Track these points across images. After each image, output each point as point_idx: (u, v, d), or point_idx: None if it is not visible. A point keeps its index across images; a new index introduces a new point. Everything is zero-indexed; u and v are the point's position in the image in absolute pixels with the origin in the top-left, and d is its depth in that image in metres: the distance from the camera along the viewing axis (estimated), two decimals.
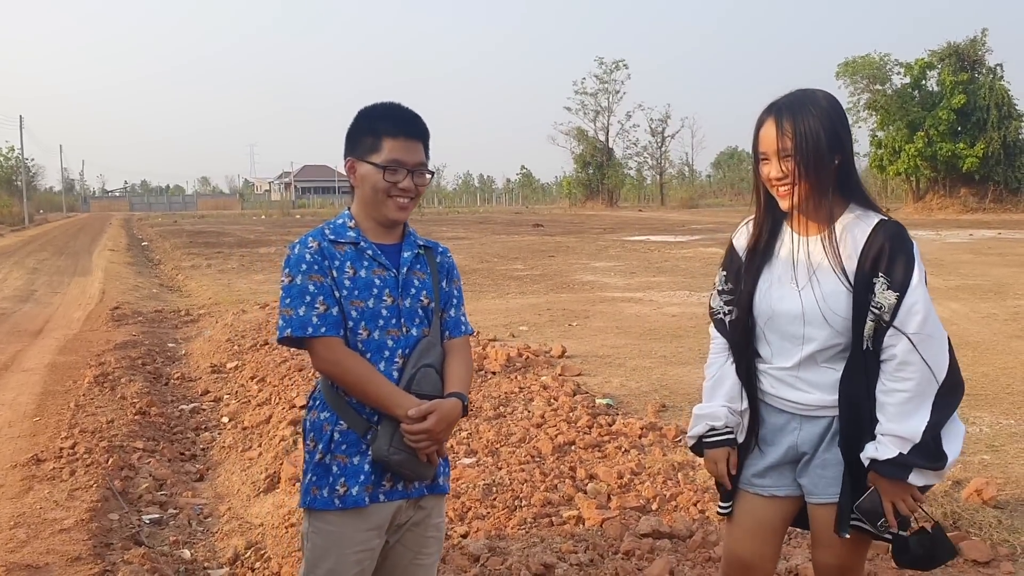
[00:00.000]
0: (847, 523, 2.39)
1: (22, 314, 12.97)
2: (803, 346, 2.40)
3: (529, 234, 32.48)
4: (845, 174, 2.39)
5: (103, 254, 25.44)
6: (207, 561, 4.25)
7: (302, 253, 2.38)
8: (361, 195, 2.46)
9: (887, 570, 3.75)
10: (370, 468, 2.36)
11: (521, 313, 11.95)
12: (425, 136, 2.48)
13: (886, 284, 2.27)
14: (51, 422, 6.52)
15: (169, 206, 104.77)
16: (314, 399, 2.48)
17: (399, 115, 2.46)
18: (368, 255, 2.43)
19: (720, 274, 2.63)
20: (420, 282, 2.49)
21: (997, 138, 45.47)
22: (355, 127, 2.47)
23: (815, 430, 2.44)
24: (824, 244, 2.37)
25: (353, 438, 2.37)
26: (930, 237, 25.74)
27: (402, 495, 2.41)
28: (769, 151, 2.37)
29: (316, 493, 2.37)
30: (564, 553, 3.95)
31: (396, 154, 2.40)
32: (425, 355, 2.43)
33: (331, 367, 2.35)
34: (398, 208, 2.43)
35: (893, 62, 49.03)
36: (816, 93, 2.40)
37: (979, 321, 10.35)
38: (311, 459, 2.41)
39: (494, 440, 5.73)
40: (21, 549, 4.14)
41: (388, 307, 2.40)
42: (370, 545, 2.39)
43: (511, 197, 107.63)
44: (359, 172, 2.43)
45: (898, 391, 2.28)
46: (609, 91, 73.23)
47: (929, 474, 2.32)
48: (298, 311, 2.33)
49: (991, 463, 5.16)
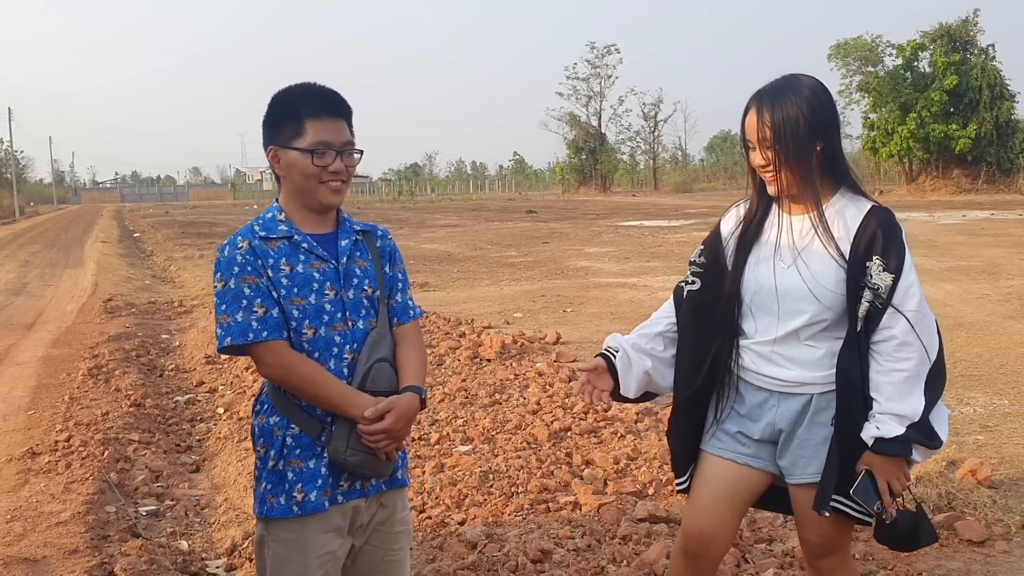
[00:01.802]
0: (827, 502, 2.40)
1: (14, 307, 12.93)
2: (790, 320, 2.43)
3: (522, 221, 32.44)
4: (831, 158, 2.43)
5: (95, 246, 25.35)
6: (205, 552, 4.25)
7: (232, 255, 2.24)
8: (289, 184, 2.32)
9: (882, 549, 3.77)
10: (327, 471, 2.26)
11: (515, 300, 11.95)
12: (348, 114, 2.35)
13: (882, 266, 2.30)
14: (46, 415, 6.50)
15: (160, 197, 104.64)
16: (261, 403, 2.36)
17: (319, 94, 2.32)
18: (304, 248, 2.29)
19: (698, 248, 2.67)
20: (362, 271, 2.37)
21: (989, 119, 45.51)
22: (273, 113, 2.33)
23: (793, 407, 2.47)
24: (814, 223, 2.41)
25: (307, 442, 2.26)
26: (923, 219, 25.78)
27: (360, 494, 2.33)
28: (753, 139, 2.43)
29: (272, 502, 2.26)
30: (561, 539, 3.96)
31: (322, 135, 2.27)
32: (376, 349, 2.32)
33: (279, 372, 2.24)
34: (331, 192, 2.31)
35: (885, 44, 49.04)
36: (800, 79, 2.43)
37: (973, 302, 10.37)
38: (263, 466, 2.30)
39: (490, 427, 5.73)
40: (18, 542, 4.14)
41: (331, 301, 2.29)
42: (331, 547, 2.30)
43: (504, 184, 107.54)
44: (284, 160, 2.30)
45: (898, 371, 2.31)
46: (601, 76, 73.14)
47: (925, 452, 2.37)
48: (236, 317, 2.21)
49: (985, 443, 5.19)
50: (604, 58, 72.74)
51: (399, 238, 13.54)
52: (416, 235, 25.76)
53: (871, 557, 3.73)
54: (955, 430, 5.44)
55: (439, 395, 6.56)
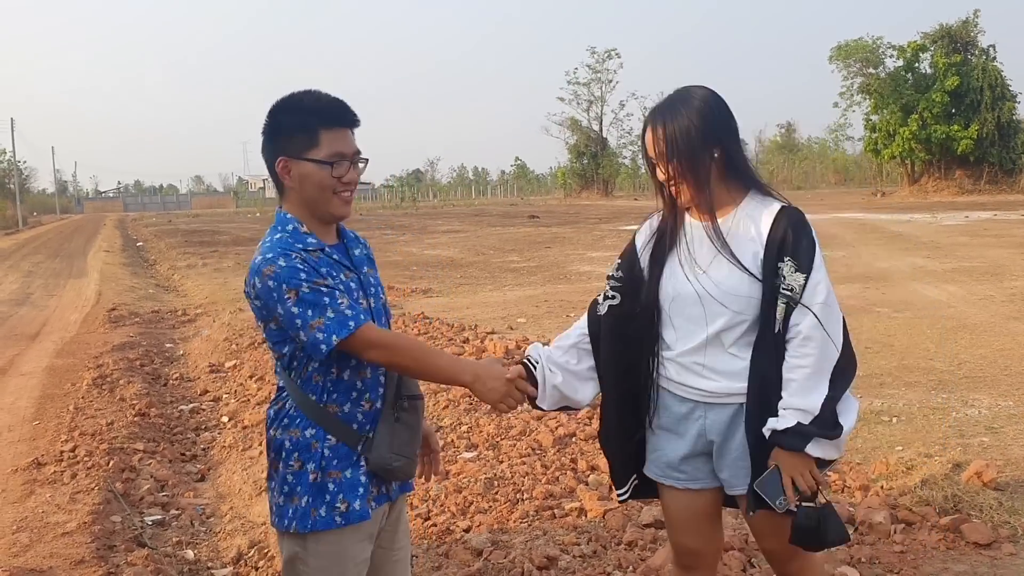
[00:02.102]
0: (754, 503, 2.41)
1: (18, 318, 12.95)
2: (707, 327, 2.43)
3: (525, 225, 32.45)
4: (731, 164, 2.47)
5: (98, 255, 25.39)
6: (210, 561, 4.25)
7: (291, 265, 2.16)
8: (301, 196, 2.27)
9: (887, 553, 3.77)
10: (366, 479, 2.26)
11: (519, 305, 11.94)
12: (356, 123, 2.33)
13: (794, 267, 2.35)
14: (51, 425, 6.51)
15: (163, 206, 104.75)
16: (289, 417, 2.28)
17: (330, 104, 2.28)
18: (335, 260, 2.28)
19: (615, 262, 2.68)
20: (374, 279, 2.41)
21: (991, 119, 45.54)
22: (280, 123, 2.27)
23: (721, 417, 2.46)
24: (709, 232, 2.45)
25: (344, 451, 2.24)
26: (926, 220, 25.75)
27: (387, 498, 2.35)
28: (652, 155, 2.49)
29: (315, 515, 2.22)
30: (567, 545, 3.95)
31: (337, 147, 2.24)
32: None
33: (384, 353, 2.21)
34: (343, 203, 2.29)
35: (886, 45, 49.13)
36: (691, 90, 2.48)
37: (976, 303, 10.36)
38: (300, 480, 2.23)
39: (494, 434, 5.73)
40: (24, 553, 4.14)
41: (365, 311, 2.28)
42: (366, 555, 2.32)
43: (506, 189, 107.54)
44: (297, 172, 2.24)
45: (801, 367, 2.34)
46: (602, 80, 73.21)
47: (826, 444, 2.37)
48: (327, 315, 2.13)
49: (990, 445, 5.18)
50: (605, 63, 72.88)
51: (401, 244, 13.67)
52: (419, 241, 25.78)
53: (876, 561, 3.73)
54: (960, 432, 5.44)
55: (443, 401, 6.56)
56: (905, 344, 8.02)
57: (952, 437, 5.33)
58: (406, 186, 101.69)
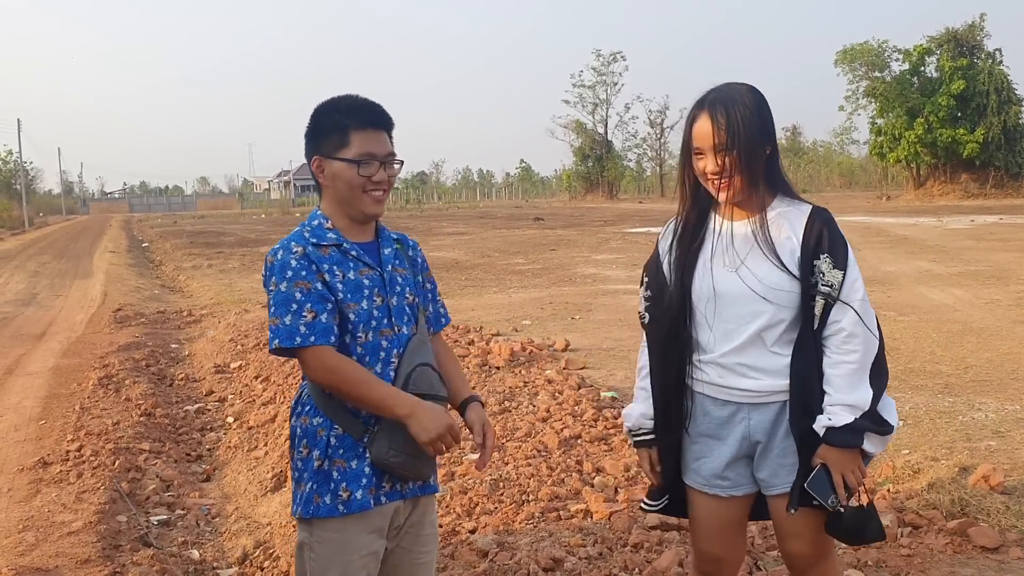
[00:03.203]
0: (796, 501, 2.40)
1: (24, 318, 12.97)
2: (749, 325, 2.42)
3: (530, 228, 32.45)
4: (773, 164, 2.47)
5: (104, 256, 25.44)
6: (216, 561, 4.26)
7: (286, 259, 2.29)
8: (334, 194, 2.39)
9: (894, 556, 3.76)
10: (371, 470, 2.31)
11: (524, 307, 11.94)
12: (390, 125, 2.43)
13: (831, 263, 2.36)
14: (57, 425, 6.53)
15: (168, 207, 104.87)
16: (302, 404, 2.40)
17: (363, 106, 2.39)
18: (352, 256, 2.37)
19: (643, 278, 2.67)
20: (403, 279, 2.46)
21: (997, 123, 45.45)
22: (317, 124, 2.40)
23: (767, 417, 2.45)
24: (755, 227, 2.44)
25: (350, 442, 2.31)
26: (932, 223, 25.71)
27: (399, 496, 2.38)
28: (705, 146, 2.42)
29: (318, 501, 2.30)
30: (573, 547, 3.95)
31: (367, 147, 2.34)
32: (418, 353, 2.39)
33: (323, 376, 2.28)
34: (374, 202, 2.39)
35: (891, 49, 49.08)
36: (742, 86, 2.46)
37: (982, 307, 10.33)
38: (307, 467, 2.33)
39: (500, 435, 5.73)
40: (31, 552, 4.15)
41: (379, 308, 2.36)
42: (373, 548, 2.35)
43: (511, 191, 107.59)
44: (329, 170, 2.37)
45: (845, 363, 2.35)
46: (607, 83, 73.26)
47: (876, 440, 2.38)
48: (284, 320, 2.25)
49: (997, 449, 5.16)
50: (610, 66, 72.95)
51: None
52: (424, 243, 25.51)
53: (883, 564, 3.72)
54: (967, 435, 5.42)
55: None
56: (911, 348, 8.01)
57: (959, 441, 5.32)
58: (411, 188, 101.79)
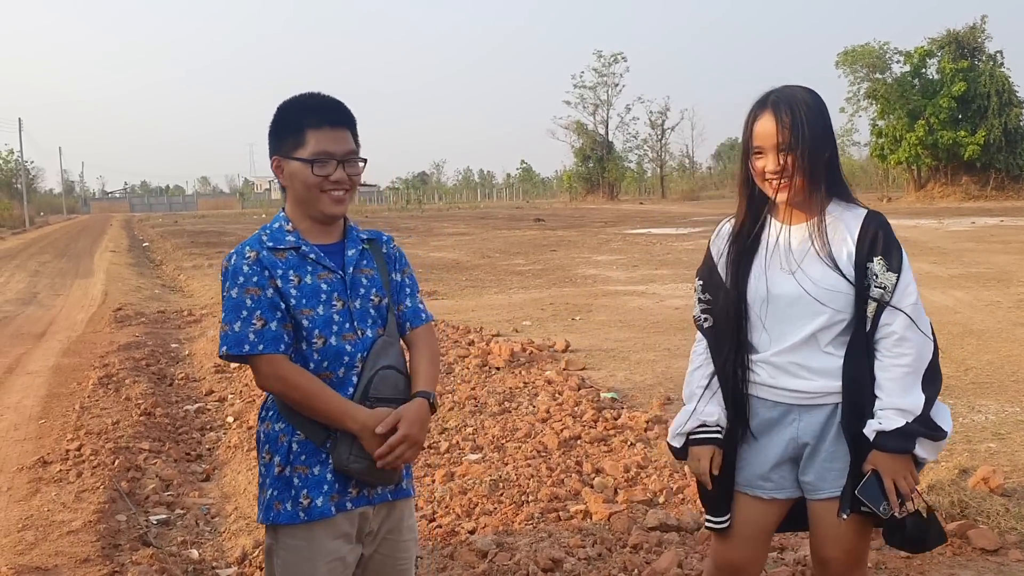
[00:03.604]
0: (847, 506, 2.38)
1: (25, 317, 12.97)
2: (805, 326, 2.41)
3: (530, 229, 32.45)
4: (833, 167, 2.45)
5: (104, 256, 25.45)
6: (215, 561, 4.25)
7: (238, 264, 2.25)
8: (293, 194, 2.34)
9: (894, 558, 3.76)
10: (332, 477, 2.26)
11: (524, 308, 11.94)
12: (351, 123, 2.36)
13: (885, 266, 2.35)
14: (57, 424, 6.53)
15: (169, 206, 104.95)
16: (266, 409, 2.36)
17: (321, 105, 2.34)
18: (311, 259, 2.31)
19: (697, 283, 2.64)
20: (368, 280, 2.38)
21: (998, 125, 45.40)
22: (276, 124, 2.35)
23: (817, 418, 2.43)
24: (812, 230, 2.42)
25: (312, 448, 2.27)
26: (932, 225, 25.69)
27: (366, 501, 2.32)
28: (766, 145, 2.39)
29: (279, 508, 2.26)
30: (572, 547, 3.95)
31: (323, 145, 2.28)
32: (381, 356, 2.32)
33: (274, 385, 2.25)
34: (334, 202, 2.32)
35: (893, 51, 49.01)
36: (800, 88, 2.46)
37: (983, 309, 10.33)
38: (269, 472, 2.30)
39: (500, 435, 5.73)
40: (30, 551, 4.15)
41: (339, 312, 2.30)
42: (340, 554, 2.30)
43: (511, 192, 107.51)
44: (287, 170, 2.32)
45: (897, 366, 2.34)
46: (608, 84, 73.14)
47: (929, 446, 2.36)
48: (233, 327, 2.22)
49: (997, 451, 5.16)
50: (611, 66, 72.83)
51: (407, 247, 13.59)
52: (424, 243, 25.80)
53: (883, 566, 3.72)
54: (967, 438, 5.42)
55: (448, 403, 6.56)
56: None
57: (959, 443, 5.31)
58: (412, 188, 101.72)
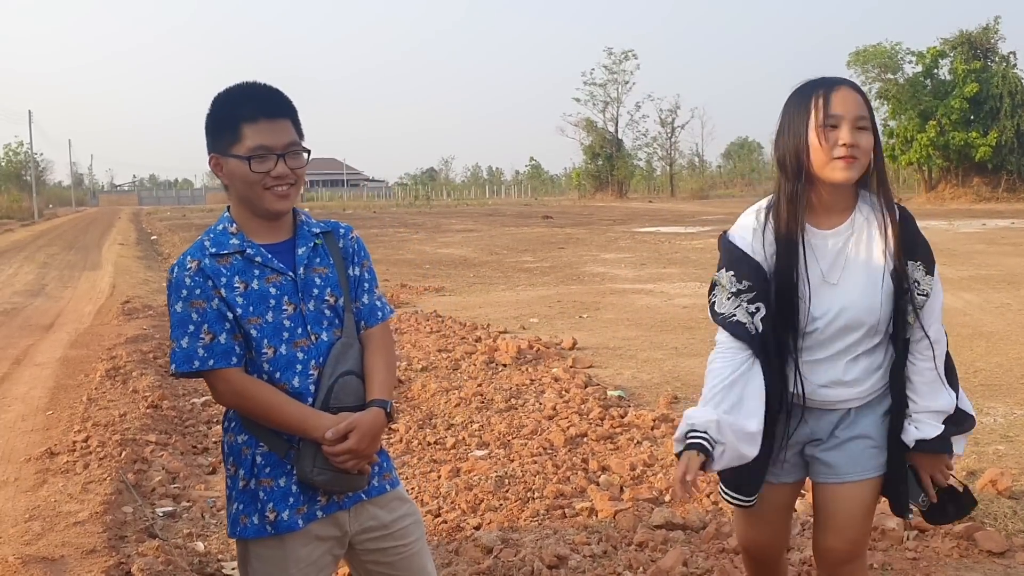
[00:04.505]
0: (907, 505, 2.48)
1: (33, 308, 13.02)
2: (840, 340, 2.36)
3: (538, 226, 32.43)
4: (879, 160, 2.37)
5: (112, 248, 25.53)
6: (221, 553, 4.26)
7: (180, 277, 2.12)
8: (235, 193, 2.19)
9: (900, 559, 3.74)
10: (298, 489, 2.17)
11: (531, 305, 11.94)
12: (290, 112, 2.21)
13: (923, 269, 2.34)
14: (64, 416, 6.55)
15: (178, 200, 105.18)
16: (228, 420, 2.24)
17: (255, 95, 2.18)
18: (257, 263, 2.16)
19: (726, 275, 2.40)
20: (322, 279, 2.23)
21: (1010, 127, 45.20)
22: (211, 119, 2.20)
23: (832, 418, 2.46)
24: (847, 239, 2.36)
25: (276, 459, 2.17)
26: (943, 227, 25.59)
27: (338, 507, 2.23)
28: (848, 115, 2.26)
29: (245, 522, 2.18)
30: (577, 544, 3.94)
31: (260, 139, 2.13)
32: (341, 362, 2.20)
33: (232, 400, 2.16)
34: (278, 199, 2.17)
35: (905, 51, 48.81)
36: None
37: (993, 311, 10.29)
38: (235, 485, 2.21)
39: (506, 432, 5.73)
40: (37, 542, 4.16)
41: (290, 316, 2.17)
42: (313, 558, 2.22)
43: (520, 189, 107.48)
44: (226, 169, 2.17)
45: (930, 368, 2.37)
46: (618, 82, 73.15)
47: (961, 440, 2.46)
48: (181, 343, 2.11)
49: (1005, 453, 5.14)
50: (621, 64, 72.80)
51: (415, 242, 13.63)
52: (432, 240, 25.80)
53: (889, 567, 3.70)
54: (975, 440, 5.39)
55: (455, 399, 6.56)
56: None
57: (966, 445, 5.28)
58: (420, 184, 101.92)
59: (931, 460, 2.42)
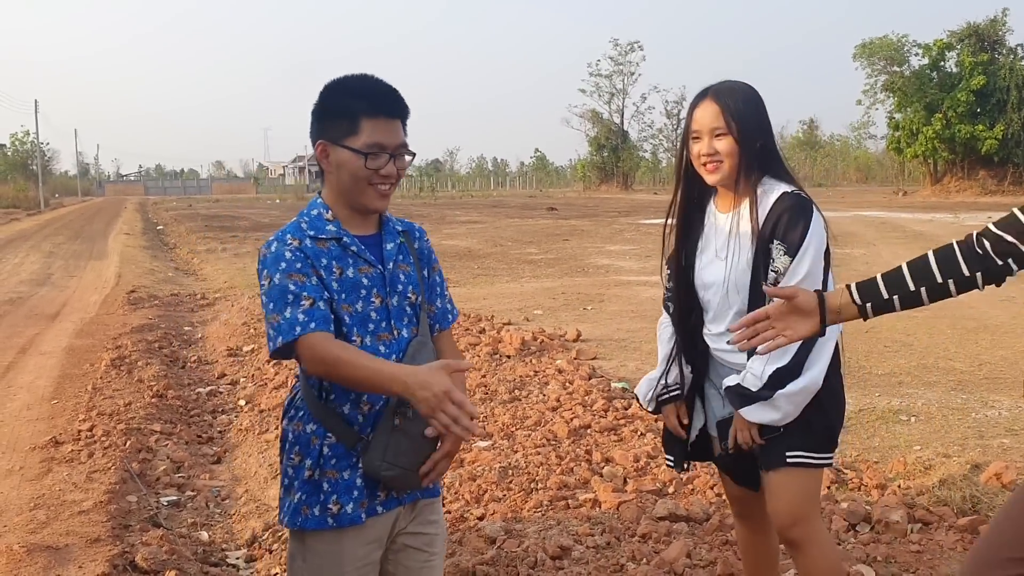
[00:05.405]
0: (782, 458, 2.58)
1: (39, 297, 13.05)
2: (729, 311, 2.61)
3: (543, 218, 32.41)
4: (768, 157, 2.59)
5: (118, 238, 25.56)
6: (225, 543, 4.28)
7: (280, 251, 2.10)
8: (337, 183, 2.18)
9: (904, 552, 3.74)
10: (363, 482, 2.15)
11: (536, 297, 11.94)
12: (406, 114, 2.21)
13: (783, 249, 2.48)
14: (69, 405, 6.57)
15: (184, 190, 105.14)
16: (295, 408, 2.21)
17: (377, 91, 2.16)
18: (352, 251, 2.17)
19: (665, 272, 2.86)
20: (406, 276, 2.25)
21: (1017, 120, 45.02)
22: (326, 105, 2.18)
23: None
24: (737, 218, 2.59)
25: (343, 451, 2.14)
26: (948, 220, 25.52)
27: (397, 503, 2.23)
28: (703, 129, 2.56)
29: (307, 512, 2.15)
30: (581, 536, 3.95)
31: (377, 137, 2.12)
32: (417, 357, 2.19)
33: (326, 366, 2.05)
34: (379, 196, 2.18)
35: (911, 43, 48.65)
36: (740, 83, 2.64)
37: (997, 305, 10.25)
38: (298, 475, 2.17)
39: (509, 423, 5.73)
40: (41, 530, 4.18)
41: (377, 309, 2.17)
42: (370, 559, 2.21)
43: (525, 180, 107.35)
44: (334, 158, 2.15)
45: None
46: (624, 73, 72.87)
47: (759, 408, 2.50)
48: (284, 314, 2.04)
49: (1010, 447, 5.13)
50: (627, 55, 72.52)
51: None
52: (437, 231, 25.79)
53: (893, 560, 3.70)
54: (979, 433, 5.39)
55: None
56: (925, 344, 7.95)
57: (971, 438, 5.29)
58: (425, 176, 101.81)
59: (737, 417, 2.61)
